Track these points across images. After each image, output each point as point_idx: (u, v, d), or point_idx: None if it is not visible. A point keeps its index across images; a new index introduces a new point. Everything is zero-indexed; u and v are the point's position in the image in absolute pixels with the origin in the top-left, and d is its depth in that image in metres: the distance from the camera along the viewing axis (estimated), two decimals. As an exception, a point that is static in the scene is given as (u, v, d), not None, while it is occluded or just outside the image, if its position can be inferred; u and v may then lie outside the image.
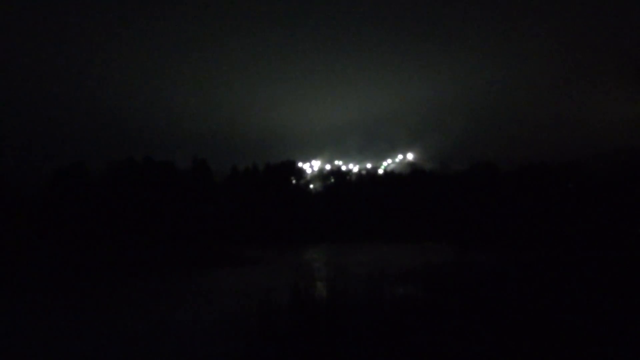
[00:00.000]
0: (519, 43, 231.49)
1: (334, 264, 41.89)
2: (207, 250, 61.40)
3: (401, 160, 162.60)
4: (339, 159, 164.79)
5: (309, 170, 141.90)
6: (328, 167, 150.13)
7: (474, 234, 64.75)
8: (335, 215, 79.10)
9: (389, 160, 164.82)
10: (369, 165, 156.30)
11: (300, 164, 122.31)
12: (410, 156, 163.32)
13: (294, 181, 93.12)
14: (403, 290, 21.49)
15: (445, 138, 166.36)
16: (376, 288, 19.56)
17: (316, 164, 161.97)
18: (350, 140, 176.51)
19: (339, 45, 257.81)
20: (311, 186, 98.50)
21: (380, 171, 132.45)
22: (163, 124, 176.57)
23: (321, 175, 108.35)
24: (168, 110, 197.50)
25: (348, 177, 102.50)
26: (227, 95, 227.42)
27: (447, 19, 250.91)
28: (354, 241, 67.72)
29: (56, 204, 69.07)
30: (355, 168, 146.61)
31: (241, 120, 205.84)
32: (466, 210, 74.23)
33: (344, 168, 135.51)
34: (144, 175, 76.18)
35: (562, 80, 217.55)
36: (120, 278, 38.61)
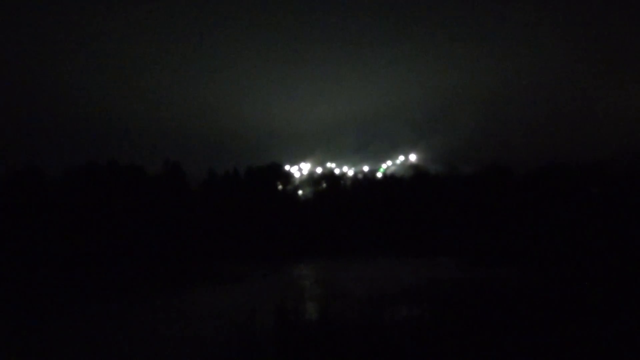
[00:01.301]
0: (535, 31, 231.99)
1: (327, 282, 41.89)
2: (181, 266, 61.10)
3: (403, 162, 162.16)
4: (331, 161, 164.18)
5: (297, 174, 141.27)
6: (319, 170, 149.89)
7: (487, 246, 64.67)
8: (328, 226, 78.85)
9: (389, 162, 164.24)
10: (366, 168, 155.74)
11: (287, 167, 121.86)
12: (412, 157, 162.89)
13: (280, 187, 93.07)
14: (405, 312, 21.39)
15: (452, 137, 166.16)
16: (375, 310, 19.45)
17: (306, 167, 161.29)
18: (345, 140, 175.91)
19: (330, 34, 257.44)
20: (300, 192, 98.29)
21: (379, 174, 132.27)
22: (131, 123, 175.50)
23: (311, 179, 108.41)
24: (136, 108, 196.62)
25: (342, 182, 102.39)
26: (204, 91, 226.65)
27: (454, 3, 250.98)
28: (350, 255, 67.46)
29: (7, 213, 68.37)
30: (350, 171, 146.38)
31: (219, 119, 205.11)
32: (478, 218, 74.20)
33: (337, 171, 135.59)
34: (108, 181, 75.75)
35: (584, 72, 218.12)
36: (79, 298, 38.24)
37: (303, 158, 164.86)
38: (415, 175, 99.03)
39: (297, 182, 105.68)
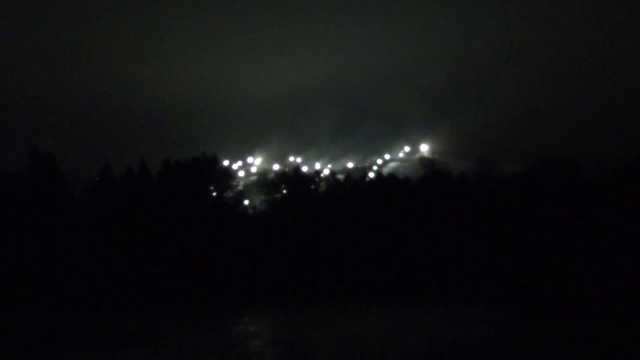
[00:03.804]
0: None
1: (289, 345, 41.40)
2: (54, 315, 60.49)
3: (408, 156, 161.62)
4: (296, 154, 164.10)
5: (242, 173, 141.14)
6: (276, 167, 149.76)
7: (544, 288, 64.51)
8: (290, 255, 78.29)
9: (387, 156, 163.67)
10: (350, 165, 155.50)
11: (226, 163, 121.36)
12: (424, 148, 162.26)
13: (214, 193, 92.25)
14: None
15: (484, 119, 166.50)
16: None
17: (256, 162, 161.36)
18: (318, 122, 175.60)
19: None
20: (246, 202, 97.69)
21: (371, 174, 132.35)
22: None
23: (264, 181, 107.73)
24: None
25: (313, 186, 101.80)
26: (99, 53, 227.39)
27: None
28: (325, 302, 67.26)
29: None
30: (325, 169, 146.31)
31: (120, 93, 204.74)
32: (531, 242, 73.75)
33: (305, 169, 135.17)
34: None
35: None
36: None
37: (251, 149, 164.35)
38: (428, 176, 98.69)
39: (241, 184, 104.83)
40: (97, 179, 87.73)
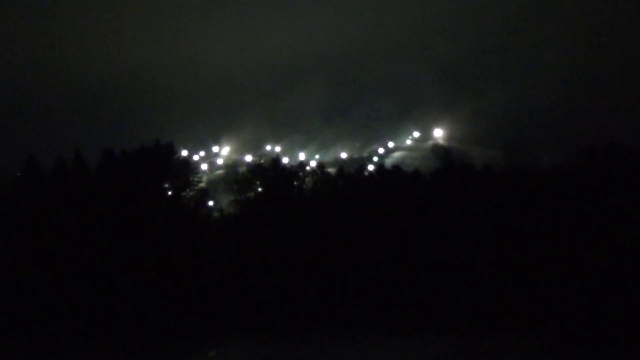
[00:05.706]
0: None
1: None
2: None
3: (418, 143, 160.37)
4: (275, 142, 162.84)
5: (205, 166, 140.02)
6: (249, 158, 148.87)
7: (593, 309, 63.63)
8: (266, 269, 77.07)
9: (391, 144, 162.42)
10: (344, 155, 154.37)
11: (185, 153, 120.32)
12: (438, 133, 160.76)
13: (170, 191, 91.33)
14: None
15: (513, 98, 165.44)
16: None
17: (223, 152, 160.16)
18: (303, 102, 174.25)
19: None
20: (211, 203, 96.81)
21: (371, 167, 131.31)
22: None
23: (235, 176, 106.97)
24: None
25: (297, 182, 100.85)
26: (27, 22, 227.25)
27: None
28: (311, 329, 66.37)
29: None
30: (312, 161, 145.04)
31: (51, 69, 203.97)
32: (573, 252, 72.84)
33: (286, 161, 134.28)
34: None
35: None
36: None
37: (217, 136, 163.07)
38: (444, 168, 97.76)
39: (203, 180, 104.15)
40: (19, 173, 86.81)
